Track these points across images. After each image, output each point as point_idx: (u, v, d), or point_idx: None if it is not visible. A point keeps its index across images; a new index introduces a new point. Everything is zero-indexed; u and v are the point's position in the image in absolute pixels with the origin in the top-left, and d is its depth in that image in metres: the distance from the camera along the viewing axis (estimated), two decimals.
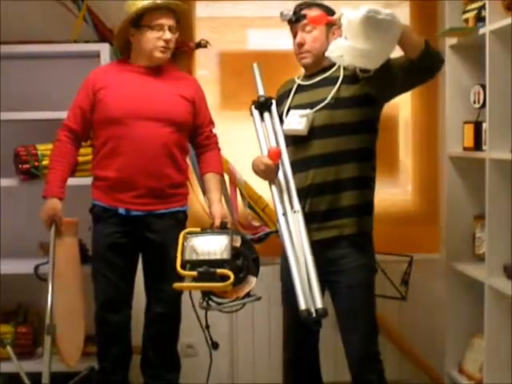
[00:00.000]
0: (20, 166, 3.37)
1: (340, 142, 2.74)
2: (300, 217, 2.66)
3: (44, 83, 3.59)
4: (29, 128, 3.49)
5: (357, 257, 2.75)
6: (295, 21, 2.80)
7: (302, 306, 2.48)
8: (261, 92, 2.93)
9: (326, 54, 2.61)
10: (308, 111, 2.74)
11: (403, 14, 3.73)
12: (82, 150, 3.21)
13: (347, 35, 2.50)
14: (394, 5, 3.76)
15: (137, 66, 3.04)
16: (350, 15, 2.47)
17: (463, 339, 3.38)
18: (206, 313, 2.63)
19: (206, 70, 3.79)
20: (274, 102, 2.89)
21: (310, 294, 2.51)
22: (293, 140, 2.79)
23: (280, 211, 2.69)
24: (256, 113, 2.89)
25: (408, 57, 2.60)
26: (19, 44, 3.43)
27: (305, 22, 2.77)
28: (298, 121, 2.75)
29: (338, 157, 2.73)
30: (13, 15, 3.57)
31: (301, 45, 2.79)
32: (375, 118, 2.82)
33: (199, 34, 3.66)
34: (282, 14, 2.84)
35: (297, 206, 2.68)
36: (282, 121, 2.85)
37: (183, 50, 3.51)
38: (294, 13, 2.80)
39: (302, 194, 2.74)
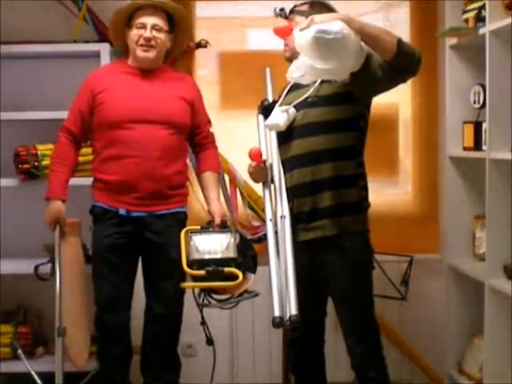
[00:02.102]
0: (20, 165, 3.36)
1: (318, 141, 2.72)
2: (286, 222, 2.63)
3: (44, 83, 3.59)
4: (29, 128, 3.49)
5: (346, 259, 2.73)
6: (285, 17, 2.82)
7: (276, 312, 2.42)
8: (269, 96, 2.94)
9: (287, 74, 2.60)
10: (288, 106, 2.74)
11: (403, 14, 3.74)
12: (82, 150, 3.21)
13: (303, 56, 2.49)
14: (394, 5, 3.76)
15: (133, 67, 3.04)
16: (298, 38, 2.46)
17: (463, 339, 3.38)
18: (202, 310, 2.64)
19: (206, 69, 3.79)
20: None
21: (286, 301, 2.44)
22: (280, 140, 2.80)
23: (268, 216, 2.67)
24: (260, 117, 2.89)
25: (383, 58, 2.57)
26: (19, 44, 3.42)
27: (291, 16, 2.80)
28: (278, 116, 2.74)
29: (317, 156, 2.72)
30: (13, 15, 3.57)
31: (284, 39, 2.82)
32: (359, 116, 2.78)
33: (199, 34, 3.66)
34: (275, 9, 2.84)
35: (285, 211, 2.66)
36: None
37: (183, 50, 3.51)
38: (282, 9, 2.83)
39: (289, 194, 2.74)
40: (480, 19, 3.09)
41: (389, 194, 3.83)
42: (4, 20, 3.54)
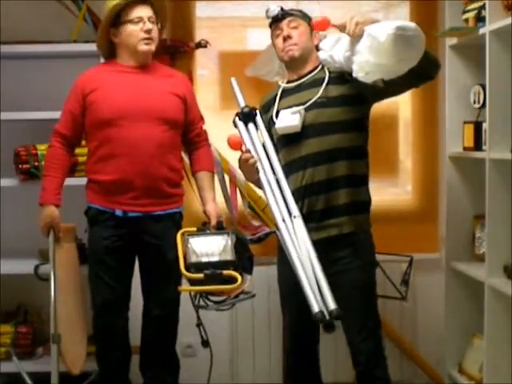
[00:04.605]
0: (20, 166, 3.37)
1: (333, 140, 2.74)
2: (300, 222, 2.65)
3: (44, 83, 3.59)
4: (29, 128, 3.49)
5: (357, 256, 2.75)
6: (281, 17, 2.80)
7: (315, 308, 2.42)
8: (241, 104, 2.94)
9: (354, 75, 2.58)
10: (300, 107, 2.75)
11: (403, 14, 3.74)
12: (81, 150, 3.21)
13: (370, 53, 2.47)
14: (394, 5, 3.76)
15: (125, 65, 3.02)
16: (375, 33, 2.44)
17: (463, 339, 3.38)
18: (198, 311, 2.64)
19: (206, 69, 3.79)
20: (258, 112, 2.89)
21: (321, 298, 2.46)
22: (286, 141, 2.80)
23: (279, 218, 2.68)
24: (241, 124, 2.88)
25: None
26: (19, 44, 3.43)
27: (291, 18, 2.79)
28: (290, 118, 2.75)
29: (332, 155, 2.73)
30: (13, 15, 3.57)
31: (288, 38, 2.79)
32: (365, 117, 2.83)
33: (199, 34, 3.66)
34: (268, 10, 2.83)
35: (295, 211, 2.67)
36: (270, 126, 2.85)
37: (183, 50, 3.51)
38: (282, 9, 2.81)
39: (299, 194, 2.74)
40: (480, 19, 3.09)
41: (389, 193, 3.84)
42: (4, 20, 3.54)
